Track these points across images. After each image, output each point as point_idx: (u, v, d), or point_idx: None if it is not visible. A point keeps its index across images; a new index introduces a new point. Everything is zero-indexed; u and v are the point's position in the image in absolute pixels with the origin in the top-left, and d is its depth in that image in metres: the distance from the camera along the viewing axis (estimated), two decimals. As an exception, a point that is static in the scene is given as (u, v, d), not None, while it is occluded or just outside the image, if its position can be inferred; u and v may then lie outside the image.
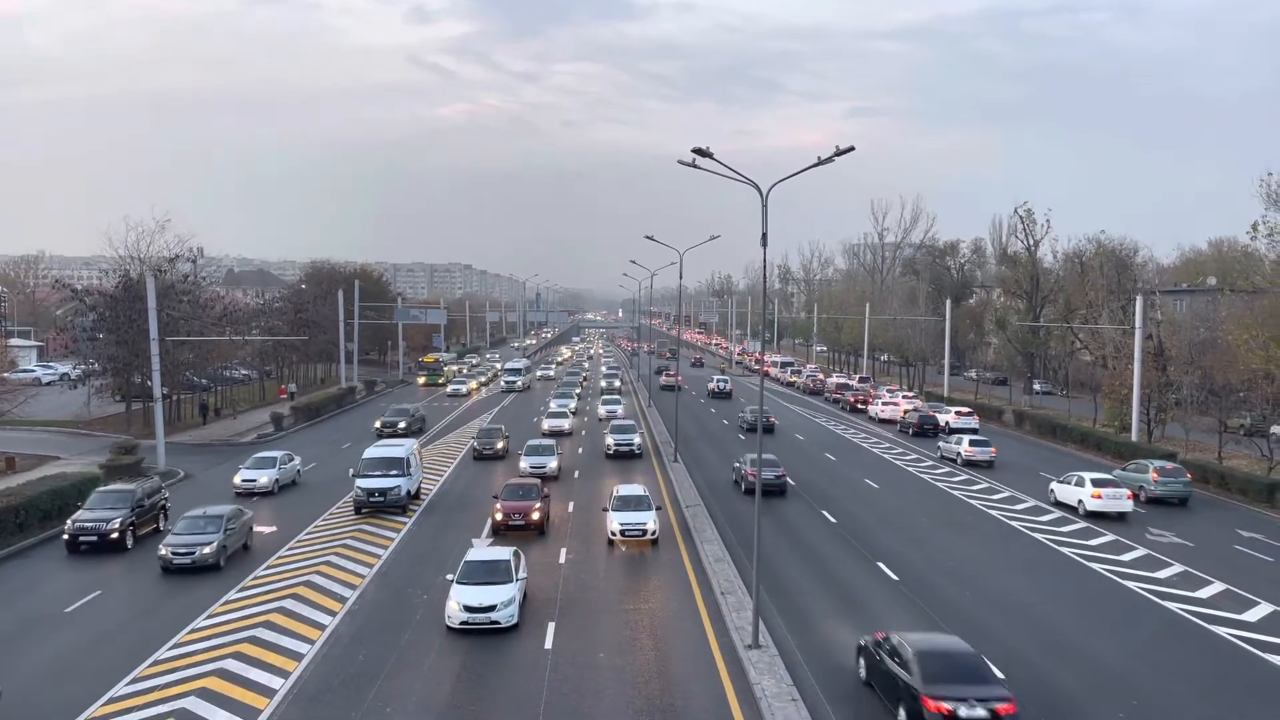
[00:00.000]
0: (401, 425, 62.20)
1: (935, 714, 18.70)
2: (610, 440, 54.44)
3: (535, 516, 35.86)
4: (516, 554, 27.89)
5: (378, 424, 63.51)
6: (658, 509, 35.49)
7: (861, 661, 22.52)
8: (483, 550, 28.24)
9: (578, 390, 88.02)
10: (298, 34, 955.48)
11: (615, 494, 36.72)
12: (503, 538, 34.42)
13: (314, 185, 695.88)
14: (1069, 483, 43.63)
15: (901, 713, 19.69)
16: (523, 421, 68.98)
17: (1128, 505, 41.16)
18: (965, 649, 20.82)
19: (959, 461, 55.16)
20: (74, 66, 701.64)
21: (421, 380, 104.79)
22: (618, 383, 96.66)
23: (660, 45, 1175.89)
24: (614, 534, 34.22)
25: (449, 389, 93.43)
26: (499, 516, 35.89)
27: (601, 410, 71.57)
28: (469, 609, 25.08)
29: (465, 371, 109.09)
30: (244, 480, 44.00)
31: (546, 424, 62.95)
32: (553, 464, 47.58)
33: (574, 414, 71.21)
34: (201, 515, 32.52)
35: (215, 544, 31.10)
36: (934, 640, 21.57)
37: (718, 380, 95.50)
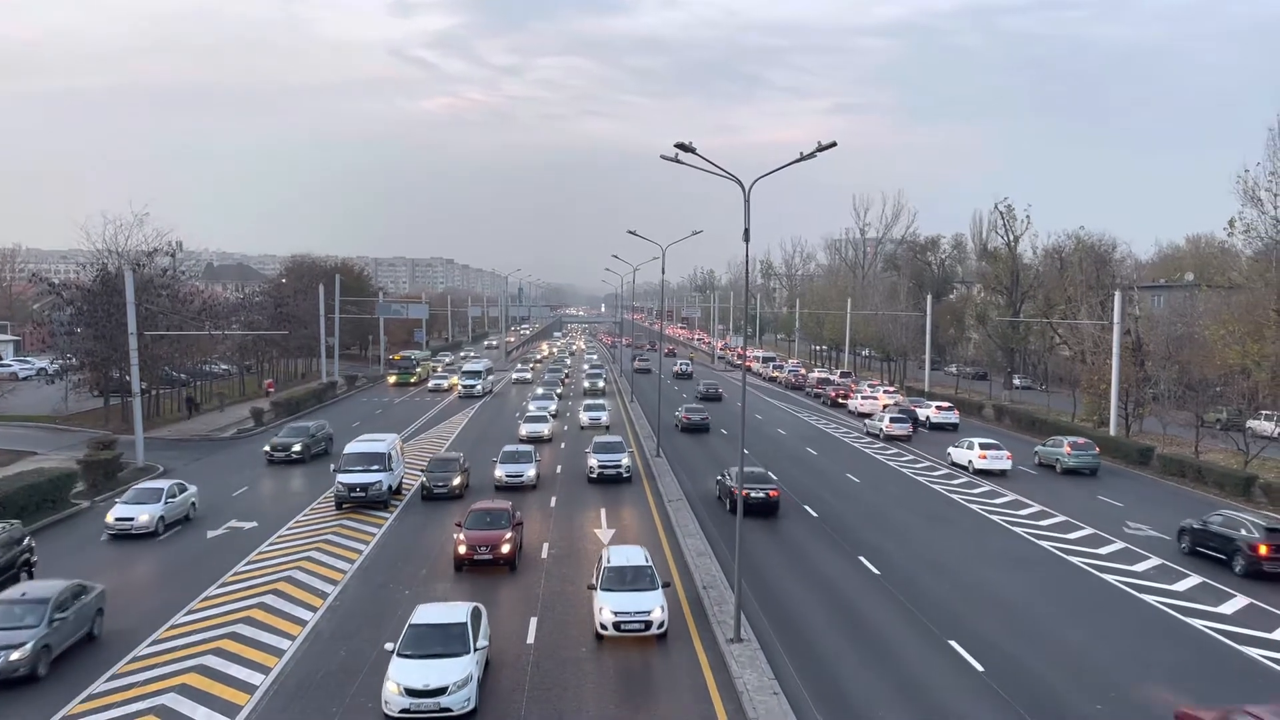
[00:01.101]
0: (296, 449, 50.23)
1: (741, 496, 30.48)
2: (594, 461, 45.50)
3: (505, 549, 30.20)
4: (476, 613, 22.42)
5: (267, 447, 51.10)
6: (666, 585, 25.86)
7: (716, 487, 41.08)
8: (432, 610, 22.50)
9: (559, 390, 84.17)
10: (278, 26, 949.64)
11: (606, 563, 26.11)
12: (465, 576, 30.01)
13: (294, 179, 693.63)
14: (961, 446, 51.70)
15: (728, 501, 38.18)
16: (498, 427, 66.13)
17: (1007, 464, 49.21)
18: (763, 470, 41.29)
19: (881, 437, 61.86)
20: (51, 59, 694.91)
21: (392, 379, 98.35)
22: (601, 383, 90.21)
23: (644, 40, 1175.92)
24: (604, 626, 24.06)
25: (430, 384, 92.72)
26: (461, 550, 30.07)
27: (584, 417, 64.92)
28: (411, 692, 19.56)
29: (441, 369, 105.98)
30: (118, 519, 34.63)
31: (524, 429, 58.07)
32: (531, 473, 43.54)
33: (554, 417, 66.60)
34: (19, 599, 23.10)
35: (31, 645, 21.55)
36: (748, 469, 37.86)
37: (680, 365, 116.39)
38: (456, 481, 41.12)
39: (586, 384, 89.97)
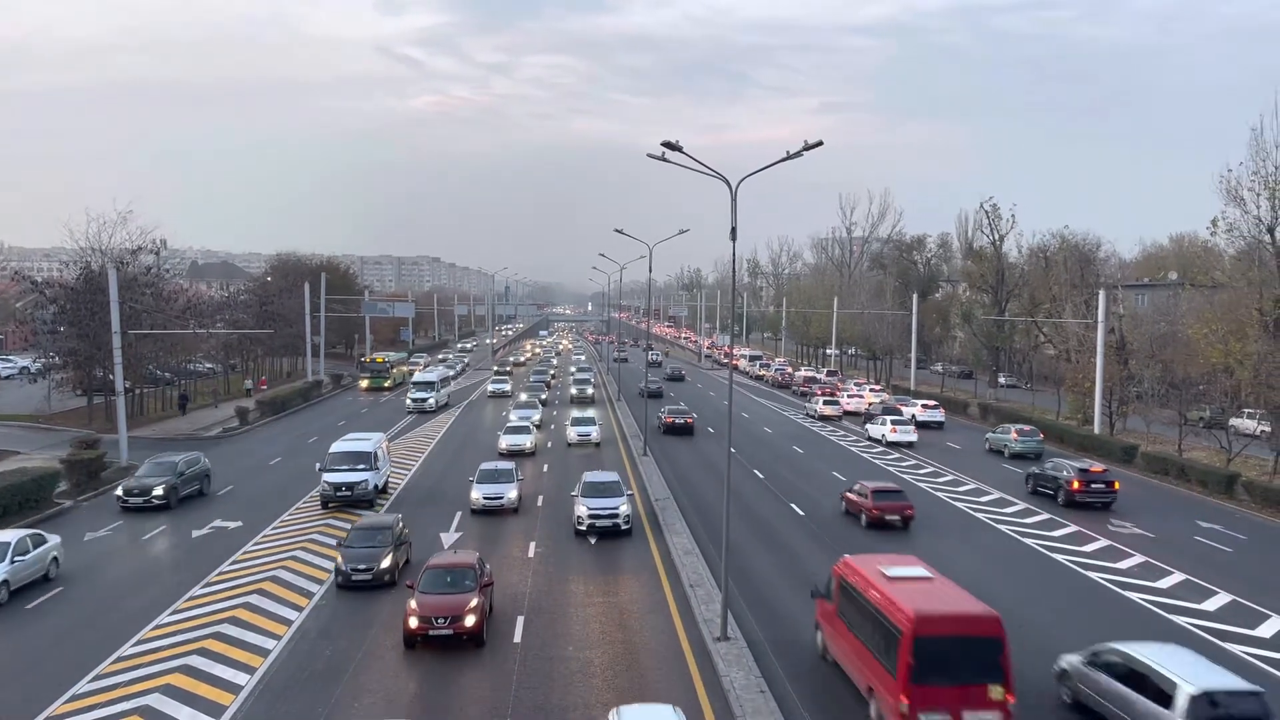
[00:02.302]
0: (157, 493, 38.58)
1: (667, 422, 59.30)
2: (583, 509, 35.10)
3: (470, 621, 23.34)
4: None
5: (119, 491, 39.25)
6: None
7: (658, 420, 61.01)
8: None
9: (543, 396, 77.60)
10: (265, 24, 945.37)
11: None
12: (417, 656, 23.33)
13: (280, 177, 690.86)
14: (876, 423, 61.38)
15: (662, 427, 61.79)
16: (486, 431, 63.14)
17: (913, 437, 58.95)
18: (685, 408, 66.64)
19: (816, 416, 72.57)
20: (35, 55, 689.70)
21: (364, 384, 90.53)
22: (590, 389, 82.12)
23: (632, 38, 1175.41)
24: None
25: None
26: (413, 622, 23.31)
27: (571, 433, 57.40)
28: None
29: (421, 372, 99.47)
30: None
31: (504, 441, 53.02)
32: (512, 494, 38.66)
33: (538, 427, 60.79)
34: None
35: None
36: (672, 406, 67.08)
37: (652, 355, 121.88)
38: (386, 563, 28.72)
39: (574, 390, 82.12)
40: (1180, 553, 34.39)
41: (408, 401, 73.75)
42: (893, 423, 59.61)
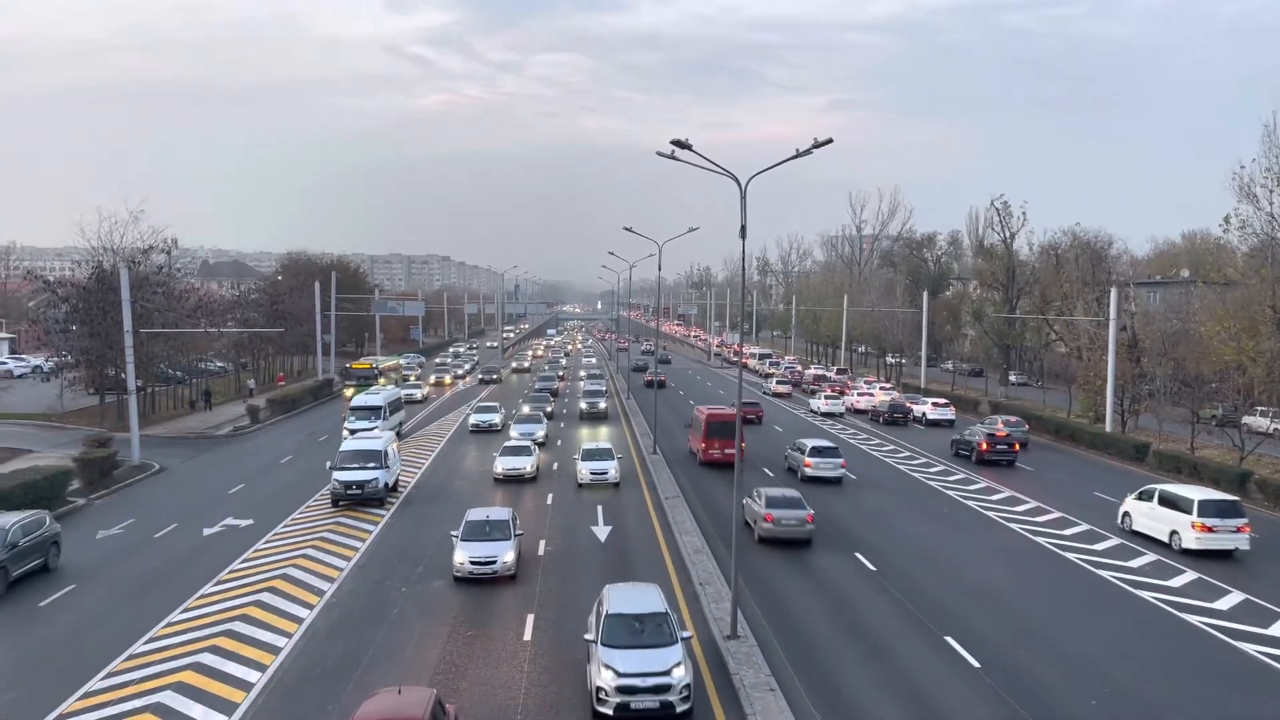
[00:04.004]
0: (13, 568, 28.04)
1: (646, 379, 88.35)
2: (609, 675, 19.56)
3: None
4: None
5: None
6: None
7: (643, 382, 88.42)
8: None
9: (548, 408, 69.40)
10: (272, 23, 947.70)
11: None
12: None
13: (290, 176, 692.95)
14: (812, 397, 78.47)
15: (645, 384, 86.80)
16: (485, 440, 57.74)
17: (840, 409, 73.59)
18: (659, 371, 77.15)
19: (771, 395, 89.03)
20: (41, 55, 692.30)
21: (349, 393, 74.17)
22: (602, 403, 71.16)
23: (640, 36, 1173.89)
24: None
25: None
26: None
27: (583, 470, 44.25)
28: None
29: (415, 378, 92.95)
30: None
31: (501, 464, 45.14)
32: (509, 557, 28.94)
33: (542, 445, 53.28)
34: None
35: None
36: (651, 371, 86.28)
37: (644, 346, 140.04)
38: None
39: (584, 405, 71.30)
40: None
41: (344, 433, 53.30)
42: (825, 398, 74.76)
